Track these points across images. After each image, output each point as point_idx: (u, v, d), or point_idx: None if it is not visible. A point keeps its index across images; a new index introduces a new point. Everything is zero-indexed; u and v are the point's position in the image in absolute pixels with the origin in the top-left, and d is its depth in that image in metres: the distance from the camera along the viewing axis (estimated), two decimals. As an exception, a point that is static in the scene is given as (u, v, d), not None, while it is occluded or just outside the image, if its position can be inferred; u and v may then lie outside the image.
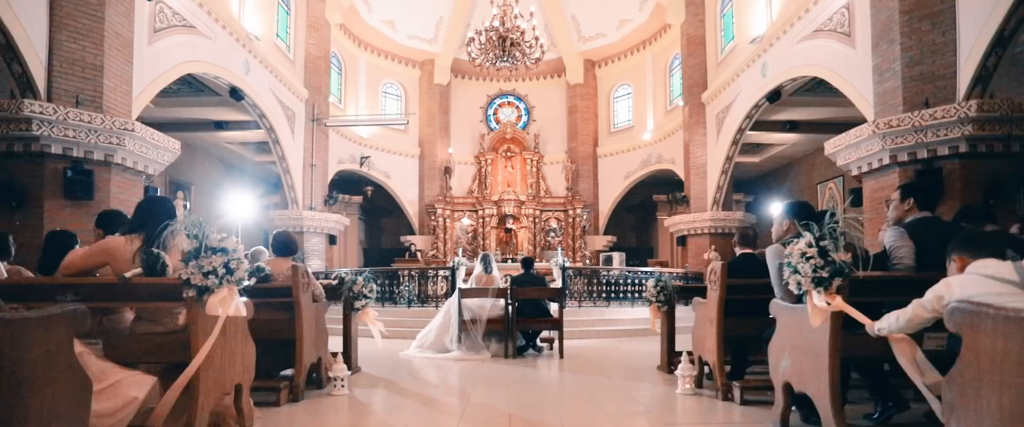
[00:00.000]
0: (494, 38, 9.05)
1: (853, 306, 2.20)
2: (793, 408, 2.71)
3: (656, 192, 14.92)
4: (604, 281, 9.34)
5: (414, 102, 15.26)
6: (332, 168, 13.00)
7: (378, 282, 6.87)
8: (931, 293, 1.94)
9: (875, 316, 2.16)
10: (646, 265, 12.96)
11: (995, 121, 5.41)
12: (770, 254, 2.68)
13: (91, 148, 5.83)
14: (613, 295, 9.08)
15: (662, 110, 13.99)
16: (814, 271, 2.20)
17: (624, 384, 4.24)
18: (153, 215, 2.53)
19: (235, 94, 9.32)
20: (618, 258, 13.75)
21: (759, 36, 9.66)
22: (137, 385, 2.04)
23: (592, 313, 8.45)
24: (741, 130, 10.51)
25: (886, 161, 6.09)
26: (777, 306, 2.81)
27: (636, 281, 9.25)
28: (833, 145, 6.84)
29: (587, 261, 14.18)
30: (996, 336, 1.41)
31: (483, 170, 15.01)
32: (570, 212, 14.69)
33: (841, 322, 2.27)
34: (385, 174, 14.62)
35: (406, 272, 10.22)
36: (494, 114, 15.84)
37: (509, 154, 15.01)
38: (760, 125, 10.77)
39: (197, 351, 2.25)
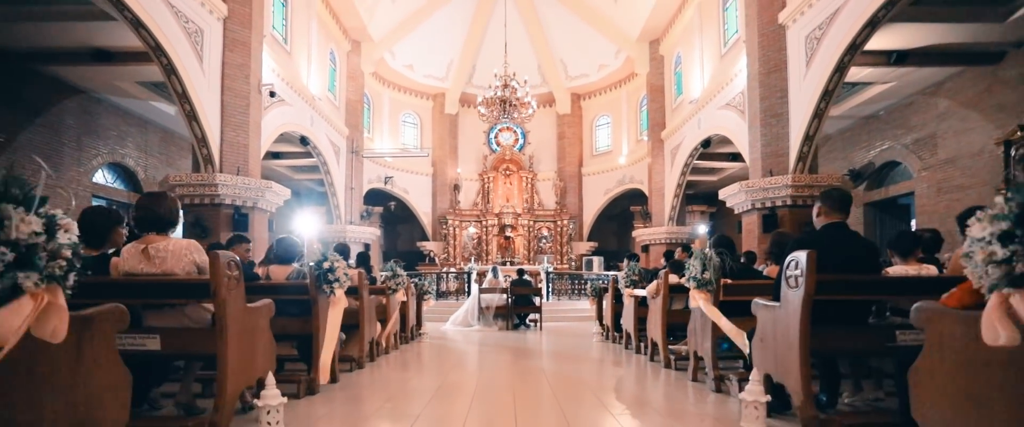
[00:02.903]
0: (497, 101, 13.01)
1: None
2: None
3: (632, 204, 18.91)
4: (577, 282, 13.41)
5: (428, 129, 19.23)
6: (363, 187, 16.95)
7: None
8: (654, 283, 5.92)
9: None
10: (619, 268, 17.04)
11: (803, 187, 9.41)
12: (619, 275, 6.69)
13: (246, 200, 9.80)
14: (584, 292, 13.14)
15: (634, 139, 17.98)
16: (627, 283, 6.23)
17: (572, 339, 8.30)
18: (361, 258, 6.53)
19: (304, 141, 13.29)
20: (597, 261, 17.81)
21: (696, 98, 13.63)
22: (376, 323, 6.06)
23: (567, 304, 12.53)
24: (687, 164, 14.50)
25: (750, 207, 10.10)
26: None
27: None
28: (724, 194, 10.84)
29: (572, 263, 18.23)
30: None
31: (486, 186, 18.99)
32: (559, 222, 18.71)
33: (639, 301, 6.28)
34: (404, 190, 18.60)
35: (428, 275, 14.26)
36: (495, 138, 19.78)
37: (508, 172, 18.99)
38: (708, 156, 14.75)
39: (391, 314, 6.28)
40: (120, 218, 3.15)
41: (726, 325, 3.81)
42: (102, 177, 12.15)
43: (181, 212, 3.09)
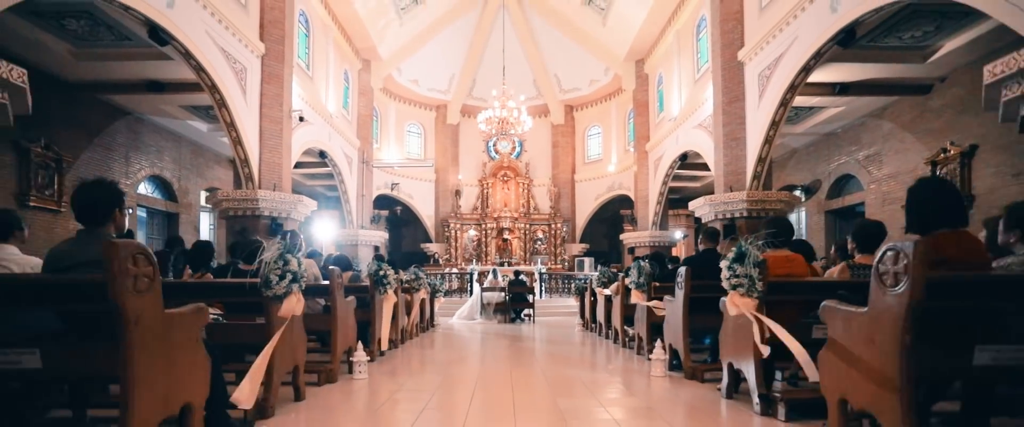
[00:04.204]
0: (496, 121, 14.91)
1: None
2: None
3: (622, 208, 20.82)
4: (568, 281, 15.35)
5: (431, 138, 21.12)
6: (372, 194, 18.83)
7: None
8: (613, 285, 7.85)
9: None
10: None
11: (757, 201, 11.33)
12: (595, 276, 8.59)
13: (281, 211, 11.68)
14: (573, 290, 15.07)
15: (622, 149, 19.89)
16: (599, 283, 8.15)
17: (559, 329, 10.24)
18: (391, 264, 8.46)
19: (322, 155, 15.16)
20: (589, 262, 19.71)
21: (675, 116, 15.54)
22: (405, 315, 7.97)
23: (558, 301, 14.47)
24: (668, 175, 16.42)
25: (713, 218, 12.02)
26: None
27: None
28: (693, 205, 12.76)
29: (566, 263, 20.17)
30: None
31: (485, 191, 20.89)
32: (553, 225, 20.64)
33: (608, 298, 8.19)
34: (409, 195, 20.49)
35: (436, 275, 16.18)
36: (494, 147, 21.65)
37: (506, 178, 20.89)
38: (689, 166, 16.66)
39: (414, 308, 8.20)
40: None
41: (645, 306, 5.74)
42: (144, 188, 14.01)
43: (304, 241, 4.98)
